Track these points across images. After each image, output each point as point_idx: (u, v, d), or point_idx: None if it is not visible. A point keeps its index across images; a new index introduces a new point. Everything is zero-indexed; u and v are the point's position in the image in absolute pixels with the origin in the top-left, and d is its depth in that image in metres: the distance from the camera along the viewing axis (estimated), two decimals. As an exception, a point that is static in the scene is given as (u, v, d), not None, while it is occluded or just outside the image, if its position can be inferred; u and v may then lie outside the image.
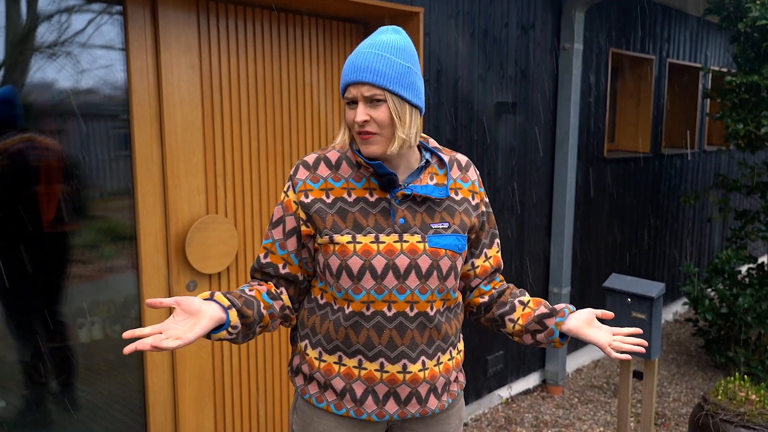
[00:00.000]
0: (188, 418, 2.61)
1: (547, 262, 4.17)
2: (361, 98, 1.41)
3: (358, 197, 1.48)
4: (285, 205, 1.53)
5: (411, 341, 1.48)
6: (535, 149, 3.94)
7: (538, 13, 3.81)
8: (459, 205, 1.55)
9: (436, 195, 1.50)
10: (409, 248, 1.46)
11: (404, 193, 1.47)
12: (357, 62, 1.40)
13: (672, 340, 5.33)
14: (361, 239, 1.45)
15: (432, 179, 1.53)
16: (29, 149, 2.17)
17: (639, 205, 5.06)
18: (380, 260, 1.44)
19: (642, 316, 3.00)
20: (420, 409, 1.52)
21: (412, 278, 1.45)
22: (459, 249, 1.51)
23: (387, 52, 1.41)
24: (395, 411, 1.51)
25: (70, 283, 2.33)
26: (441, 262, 1.48)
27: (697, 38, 5.66)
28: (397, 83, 1.41)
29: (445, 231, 1.50)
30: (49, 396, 2.32)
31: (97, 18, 2.29)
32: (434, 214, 1.50)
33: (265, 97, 2.75)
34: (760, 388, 3.01)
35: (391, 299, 1.45)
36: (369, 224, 1.46)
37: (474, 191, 1.59)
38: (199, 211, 2.57)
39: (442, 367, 1.54)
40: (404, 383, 1.49)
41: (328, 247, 1.46)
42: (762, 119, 3.91)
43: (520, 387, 4.16)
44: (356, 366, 1.49)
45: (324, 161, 1.52)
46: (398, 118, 1.41)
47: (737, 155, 6.46)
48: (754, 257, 4.55)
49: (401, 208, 1.48)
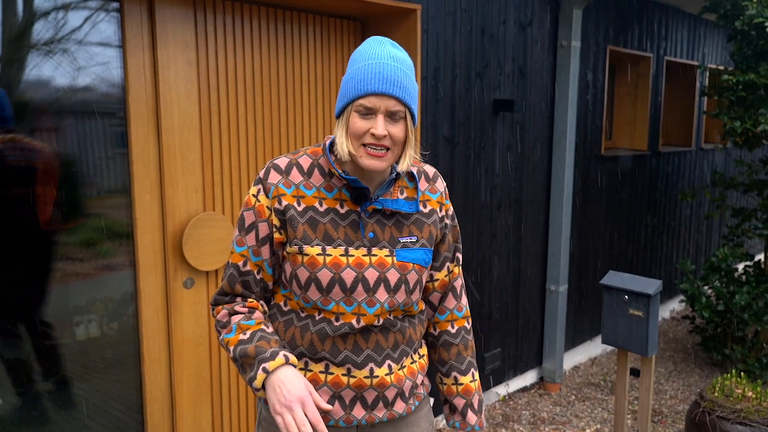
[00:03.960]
0: (185, 415, 2.61)
1: (544, 260, 4.17)
2: (383, 111, 1.36)
3: (329, 208, 1.45)
4: (257, 210, 1.45)
5: (376, 345, 1.47)
6: (533, 147, 3.94)
7: (536, 10, 3.81)
8: (428, 217, 1.53)
9: (407, 210, 1.48)
10: (378, 262, 1.44)
11: (375, 207, 1.45)
12: (384, 73, 1.35)
13: (669, 338, 5.34)
14: (331, 251, 1.42)
15: (402, 193, 1.50)
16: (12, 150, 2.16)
17: (636, 203, 5.07)
18: (350, 273, 1.42)
19: (639, 313, 3.00)
20: (387, 412, 1.51)
21: (381, 291, 1.44)
22: (426, 263, 1.50)
23: (407, 69, 1.40)
24: (363, 416, 1.49)
25: (67, 281, 2.32)
26: (408, 276, 1.47)
27: (694, 36, 5.66)
28: (414, 102, 1.41)
29: (413, 245, 1.48)
30: (45, 394, 2.31)
31: (94, 15, 2.28)
32: (402, 228, 1.48)
33: (262, 94, 2.75)
34: (757, 385, 3.02)
35: (360, 312, 1.44)
36: (339, 236, 1.43)
37: (441, 202, 1.57)
38: (196, 208, 2.56)
39: (406, 370, 1.53)
40: (371, 388, 1.48)
41: (296, 257, 1.43)
42: (759, 117, 3.92)
43: (517, 384, 4.17)
44: (323, 371, 1.47)
45: (296, 167, 1.47)
46: (412, 136, 1.41)
47: (734, 153, 6.47)
48: (750, 255, 4.56)
49: (371, 222, 1.45)
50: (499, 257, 3.81)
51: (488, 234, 3.70)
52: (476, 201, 3.58)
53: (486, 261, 3.72)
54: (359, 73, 1.37)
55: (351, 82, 1.38)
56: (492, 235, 3.74)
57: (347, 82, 1.40)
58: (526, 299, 4.07)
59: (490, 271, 3.76)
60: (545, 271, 4.19)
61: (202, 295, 2.62)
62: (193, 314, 2.59)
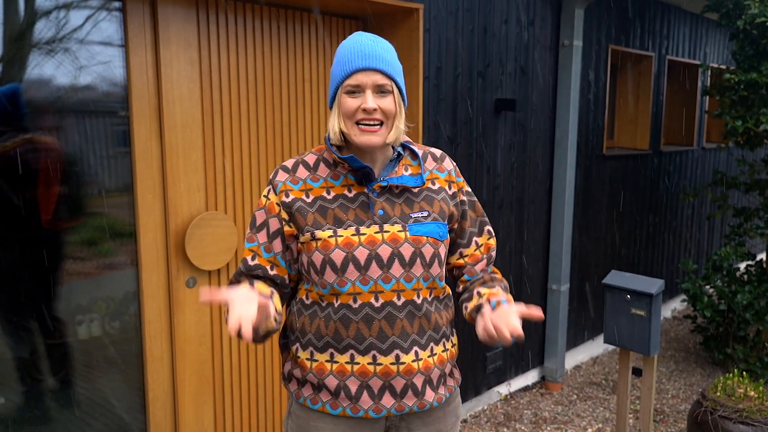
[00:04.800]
0: (188, 414, 2.62)
1: (546, 259, 4.17)
2: (371, 86, 1.41)
3: (337, 194, 1.49)
4: (267, 208, 1.52)
5: (401, 331, 1.47)
6: (535, 146, 3.94)
7: (538, 9, 3.81)
8: (437, 194, 1.56)
9: (412, 184, 1.51)
10: (391, 237, 1.46)
11: (381, 186, 1.49)
12: (365, 50, 1.41)
13: (671, 337, 5.34)
14: (342, 233, 1.45)
15: (407, 170, 1.55)
16: (30, 151, 2.17)
17: (638, 203, 5.07)
18: (363, 251, 1.44)
19: (641, 312, 3.00)
20: (417, 402, 1.51)
21: (396, 267, 1.46)
22: (440, 236, 1.52)
23: (388, 47, 1.47)
24: (392, 405, 1.49)
25: (69, 280, 2.33)
26: (423, 249, 1.48)
27: (696, 35, 5.66)
28: (399, 76, 1.46)
29: (425, 219, 1.51)
30: (48, 393, 2.32)
31: (96, 14, 2.28)
32: (413, 204, 1.51)
33: (264, 93, 2.75)
34: (759, 385, 3.01)
35: (377, 289, 1.45)
36: (349, 218, 1.47)
37: (451, 180, 1.60)
38: (198, 207, 2.56)
39: (436, 358, 1.53)
40: (398, 375, 1.48)
41: (310, 244, 1.47)
42: (761, 116, 3.91)
43: (519, 384, 4.17)
44: (348, 362, 1.48)
45: (302, 164, 1.54)
46: (400, 110, 1.46)
47: (736, 152, 6.46)
48: (752, 254, 4.56)
49: (379, 200, 1.49)
50: (500, 256, 3.81)
51: (490, 233, 3.70)
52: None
53: (488, 260, 3.71)
54: (343, 57, 1.44)
55: (336, 68, 1.45)
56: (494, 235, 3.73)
57: (333, 70, 1.47)
58: (528, 298, 4.07)
59: (491, 271, 3.76)
60: (547, 271, 4.19)
61: (205, 295, 2.62)
62: (196, 313, 2.59)
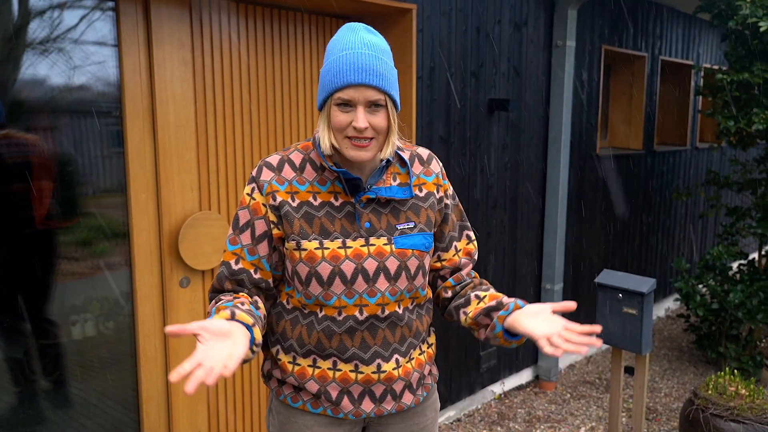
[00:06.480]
0: (182, 414, 2.62)
1: (539, 259, 4.18)
2: (363, 102, 1.34)
3: (324, 201, 1.44)
4: (252, 208, 1.44)
5: (383, 341, 1.47)
6: (528, 146, 3.96)
7: (531, 10, 3.82)
8: (424, 201, 1.52)
9: (401, 196, 1.47)
10: (376, 251, 1.44)
11: (369, 197, 1.44)
12: (358, 63, 1.32)
13: (663, 336, 5.36)
14: (329, 245, 1.41)
15: (395, 179, 1.49)
16: (7, 146, 2.16)
17: (631, 202, 5.09)
18: (349, 265, 1.41)
19: (633, 311, 3.02)
20: (395, 405, 1.53)
21: (382, 281, 1.44)
22: (426, 247, 1.49)
23: (382, 55, 1.36)
24: (371, 409, 1.51)
25: (62, 280, 2.33)
26: (408, 263, 1.46)
27: (689, 36, 5.68)
28: (394, 88, 1.38)
29: (411, 231, 1.47)
30: (41, 393, 2.31)
31: (89, 14, 2.29)
32: (399, 215, 1.47)
33: (258, 93, 2.75)
34: (750, 383, 3.03)
35: (362, 303, 1.44)
36: (336, 229, 1.43)
37: (438, 184, 1.56)
38: (192, 207, 2.57)
39: (414, 362, 1.54)
40: (379, 382, 1.49)
41: (294, 253, 1.42)
42: (753, 116, 3.93)
43: (513, 383, 4.18)
44: (330, 368, 1.48)
45: (288, 163, 1.46)
46: (395, 123, 1.39)
47: (729, 152, 6.50)
48: (745, 253, 4.59)
49: (366, 211, 1.45)
50: (494, 256, 3.82)
51: (484, 233, 3.72)
52: (471, 200, 3.59)
53: (481, 260, 3.73)
54: (334, 66, 1.34)
55: (327, 75, 1.36)
56: (487, 234, 3.75)
57: (324, 75, 1.37)
58: (522, 297, 4.08)
59: (485, 270, 3.77)
60: (540, 270, 4.21)
61: (198, 294, 2.63)
62: (189, 313, 2.59)
